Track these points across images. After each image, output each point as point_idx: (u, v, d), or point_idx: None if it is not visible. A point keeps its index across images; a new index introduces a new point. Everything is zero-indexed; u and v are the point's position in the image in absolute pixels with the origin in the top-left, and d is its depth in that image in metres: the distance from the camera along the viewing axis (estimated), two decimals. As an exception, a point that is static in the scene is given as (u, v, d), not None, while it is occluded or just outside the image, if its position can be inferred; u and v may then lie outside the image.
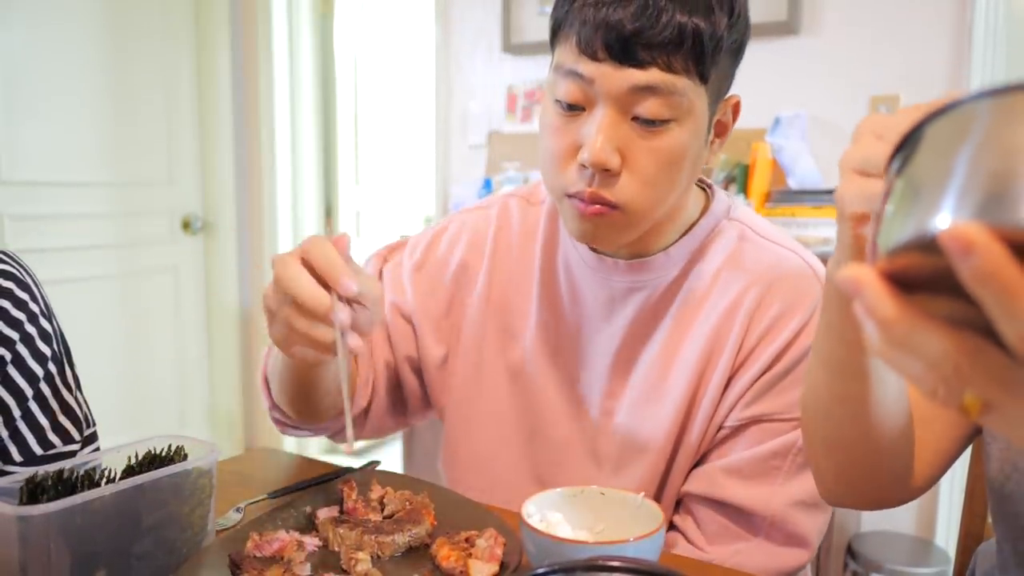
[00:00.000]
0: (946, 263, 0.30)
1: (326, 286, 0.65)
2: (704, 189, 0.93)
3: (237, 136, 3.23)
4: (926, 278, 0.32)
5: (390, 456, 3.38)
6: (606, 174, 0.77)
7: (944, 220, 0.31)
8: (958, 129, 0.33)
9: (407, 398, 1.01)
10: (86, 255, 2.82)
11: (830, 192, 2.15)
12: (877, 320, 0.33)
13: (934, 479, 0.75)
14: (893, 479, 0.71)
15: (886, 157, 0.39)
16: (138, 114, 2.93)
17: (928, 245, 0.31)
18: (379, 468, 0.92)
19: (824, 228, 2.08)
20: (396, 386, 1.00)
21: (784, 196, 2.21)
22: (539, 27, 2.75)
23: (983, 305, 0.30)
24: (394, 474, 0.88)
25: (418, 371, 1.00)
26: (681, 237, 0.88)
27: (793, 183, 2.28)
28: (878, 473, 0.70)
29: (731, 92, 0.83)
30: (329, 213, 3.58)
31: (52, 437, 0.88)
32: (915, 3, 2.19)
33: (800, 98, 2.29)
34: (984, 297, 0.29)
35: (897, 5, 2.21)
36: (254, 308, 3.34)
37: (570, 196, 0.80)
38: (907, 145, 0.36)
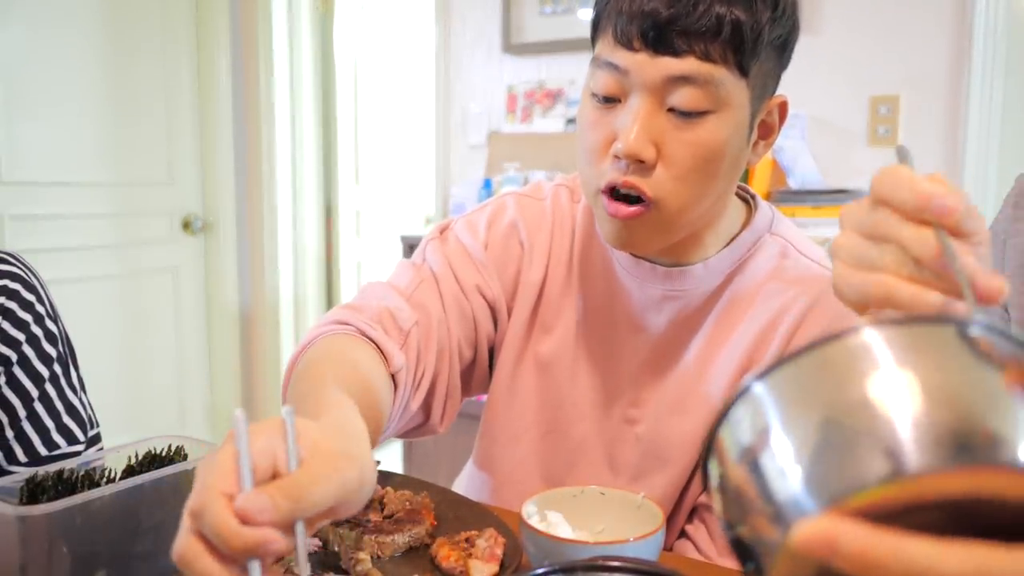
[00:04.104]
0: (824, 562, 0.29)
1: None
2: (747, 201, 0.91)
3: (237, 136, 3.23)
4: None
5: (390, 456, 3.38)
6: (640, 166, 0.75)
7: (790, 527, 0.30)
8: (750, 430, 0.33)
9: (475, 375, 0.96)
10: (86, 255, 2.83)
11: (830, 192, 2.16)
12: None
13: None
14: None
15: (868, 257, 0.43)
16: (138, 114, 2.93)
17: (793, 555, 0.30)
18: (379, 468, 0.92)
19: (824, 228, 2.09)
20: (471, 364, 0.95)
21: (784, 196, 2.21)
22: (539, 27, 2.75)
23: None
24: (394, 474, 0.88)
25: (491, 349, 0.96)
26: (722, 249, 0.86)
27: (793, 183, 2.28)
28: None
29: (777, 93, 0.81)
30: (329, 213, 3.59)
31: (57, 438, 0.88)
32: (915, 3, 2.19)
33: (800, 98, 2.29)
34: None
35: (897, 5, 2.21)
36: (254, 308, 3.35)
37: (603, 191, 0.78)
38: (712, 454, 0.35)
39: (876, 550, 0.28)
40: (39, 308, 0.89)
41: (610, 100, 0.77)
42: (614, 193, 0.78)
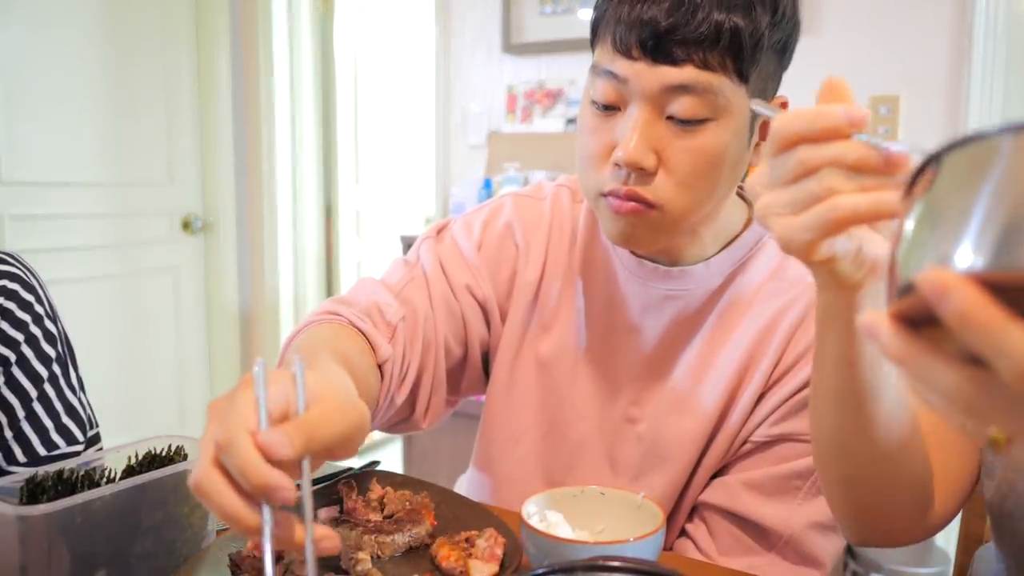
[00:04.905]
0: None
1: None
2: (748, 201, 0.91)
3: (237, 136, 3.23)
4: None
5: (390, 456, 3.39)
6: (641, 173, 0.75)
7: (927, 266, 0.32)
8: (970, 168, 0.34)
9: (466, 374, 0.96)
10: (86, 255, 2.83)
11: (830, 192, 2.15)
12: (891, 359, 0.34)
13: (955, 511, 0.73)
14: (914, 512, 0.70)
15: (798, 196, 0.45)
16: (138, 114, 2.93)
17: (914, 289, 0.32)
18: (379, 468, 0.92)
19: (824, 228, 2.09)
20: (461, 362, 0.95)
21: (784, 196, 2.21)
22: (539, 27, 2.75)
23: (971, 347, 0.30)
24: (394, 474, 0.88)
25: (486, 351, 0.96)
26: (723, 249, 0.87)
27: (793, 183, 2.28)
28: (899, 507, 0.68)
29: (779, 93, 0.81)
30: (329, 213, 3.59)
31: (56, 438, 0.88)
32: (915, 3, 2.19)
33: (800, 98, 2.29)
34: (968, 339, 0.30)
35: (897, 5, 2.21)
36: (254, 308, 3.35)
37: (605, 195, 0.78)
38: (922, 174, 0.36)
39: (979, 317, 0.30)
40: (38, 308, 0.89)
41: (609, 108, 0.78)
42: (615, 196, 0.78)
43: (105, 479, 0.68)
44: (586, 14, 2.65)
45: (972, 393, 0.33)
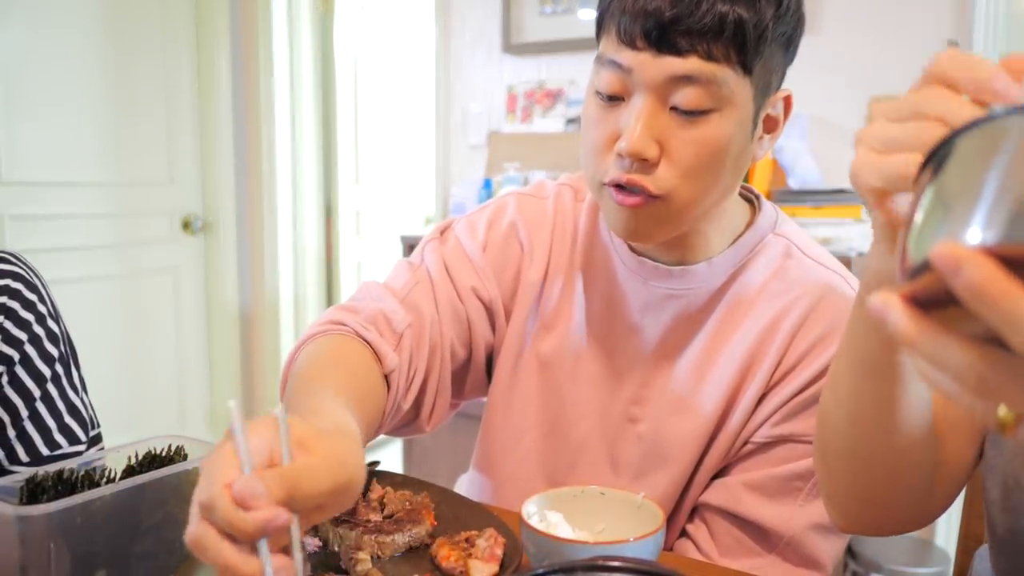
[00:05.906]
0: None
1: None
2: (751, 201, 0.92)
3: (237, 136, 3.23)
4: (952, 297, 0.33)
5: (390, 456, 3.38)
6: (644, 164, 0.76)
7: (940, 244, 0.32)
8: (981, 149, 0.34)
9: (470, 376, 0.97)
10: (86, 255, 2.83)
11: (830, 192, 2.15)
12: (901, 340, 0.34)
13: (951, 499, 0.73)
14: (914, 497, 0.69)
15: (900, 138, 0.42)
16: (138, 114, 2.93)
17: (929, 266, 0.32)
18: (379, 468, 0.92)
19: (824, 228, 2.08)
20: (465, 364, 0.95)
21: (784, 196, 2.21)
22: (539, 27, 2.75)
23: (985, 321, 0.31)
24: (394, 474, 0.88)
25: (490, 353, 0.96)
26: (726, 248, 0.87)
27: (793, 183, 2.28)
28: (899, 491, 0.68)
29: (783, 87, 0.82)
30: (329, 213, 3.59)
31: (58, 438, 0.88)
32: (915, 3, 2.19)
33: (800, 98, 2.29)
34: (981, 311, 0.30)
35: (897, 5, 2.21)
36: (254, 308, 3.35)
37: (607, 184, 0.78)
38: (935, 157, 0.36)
39: (993, 289, 0.30)
40: (41, 308, 0.89)
41: (614, 98, 0.78)
42: (618, 187, 0.78)
43: (105, 479, 0.68)
44: (586, 14, 2.65)
45: (984, 371, 0.33)
